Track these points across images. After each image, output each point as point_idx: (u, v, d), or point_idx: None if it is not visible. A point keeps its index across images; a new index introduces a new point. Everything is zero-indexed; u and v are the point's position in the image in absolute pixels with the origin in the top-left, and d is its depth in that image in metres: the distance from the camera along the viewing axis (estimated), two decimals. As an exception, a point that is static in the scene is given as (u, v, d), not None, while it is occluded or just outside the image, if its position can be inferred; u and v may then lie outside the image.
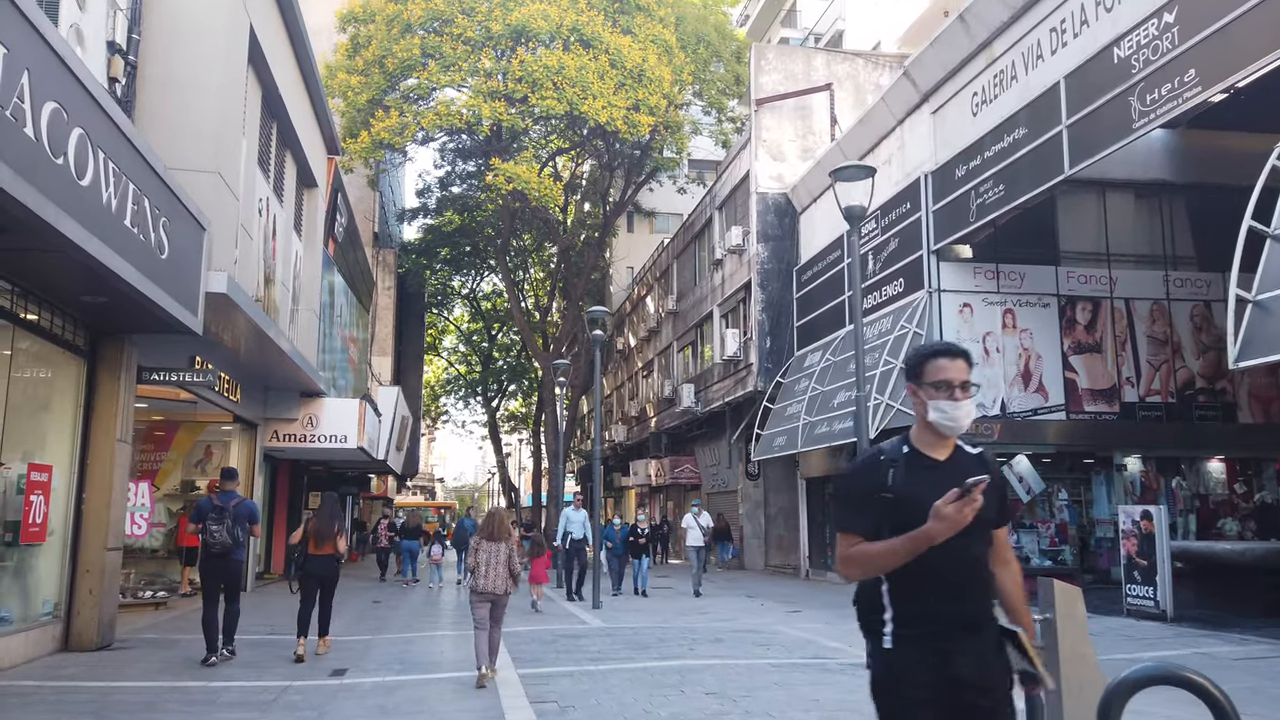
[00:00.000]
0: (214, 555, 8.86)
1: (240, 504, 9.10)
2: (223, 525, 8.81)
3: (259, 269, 13.99)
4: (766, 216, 22.82)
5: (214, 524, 8.80)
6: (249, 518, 9.12)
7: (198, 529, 9.20)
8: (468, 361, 51.41)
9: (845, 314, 19.29)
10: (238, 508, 9.02)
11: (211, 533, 8.79)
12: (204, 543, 8.93)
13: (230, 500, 9.05)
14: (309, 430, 18.17)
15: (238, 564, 9.11)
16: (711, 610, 13.93)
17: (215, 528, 8.78)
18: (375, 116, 23.15)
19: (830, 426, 17.54)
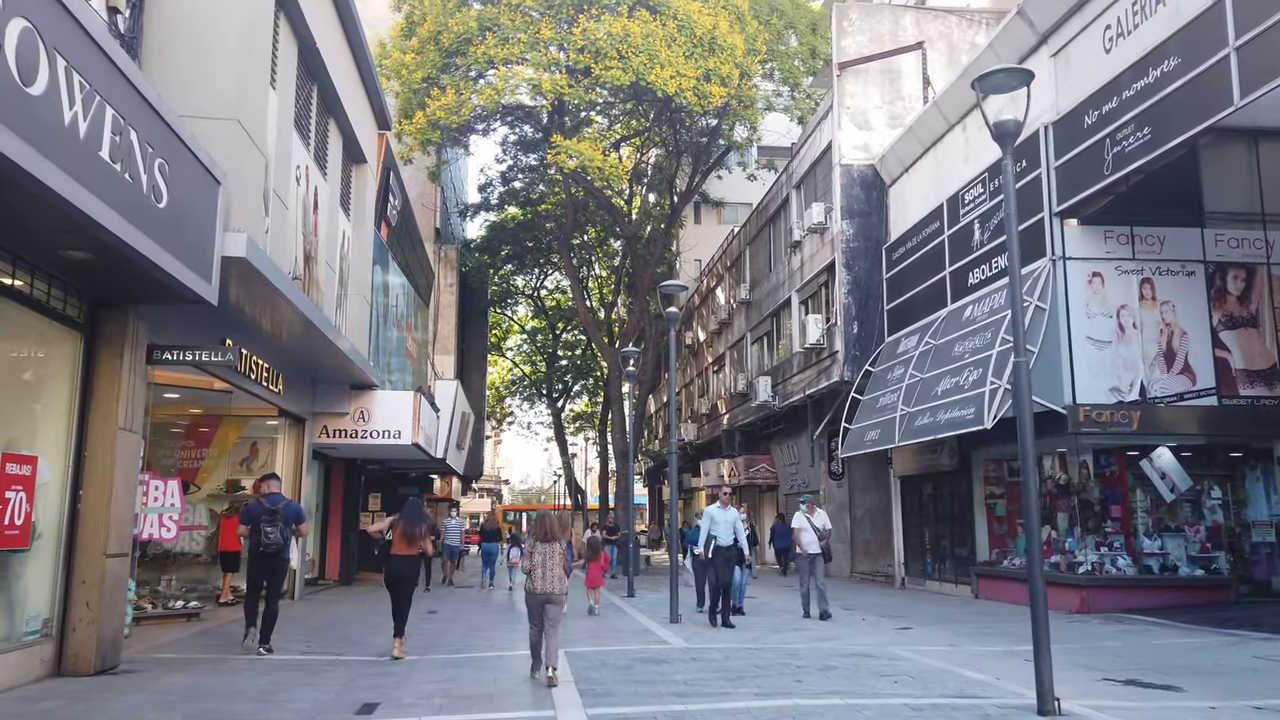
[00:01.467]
0: (268, 555, 9.42)
1: (288, 505, 9.66)
2: (276, 527, 9.35)
3: (297, 243, 12.63)
4: (851, 190, 20.85)
5: (268, 525, 9.34)
6: (295, 518, 9.71)
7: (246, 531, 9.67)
8: (532, 361, 50.24)
9: (947, 291, 17.24)
10: (286, 509, 9.54)
11: (266, 534, 9.32)
12: (256, 543, 9.44)
13: (279, 502, 9.56)
14: (360, 425, 16.85)
15: (284, 563, 9.63)
16: (808, 626, 12.09)
17: (270, 529, 9.32)
18: (431, 96, 21.84)
19: (934, 417, 15.53)
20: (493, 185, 39.04)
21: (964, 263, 16.63)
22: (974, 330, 15.44)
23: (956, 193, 17.00)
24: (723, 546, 12.19)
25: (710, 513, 12.43)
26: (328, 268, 14.55)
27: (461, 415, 23.30)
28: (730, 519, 12.33)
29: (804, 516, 13.34)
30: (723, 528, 12.27)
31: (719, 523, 12.30)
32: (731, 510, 12.46)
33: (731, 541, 12.22)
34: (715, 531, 12.25)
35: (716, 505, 12.46)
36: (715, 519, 12.33)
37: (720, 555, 12.13)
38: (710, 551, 12.15)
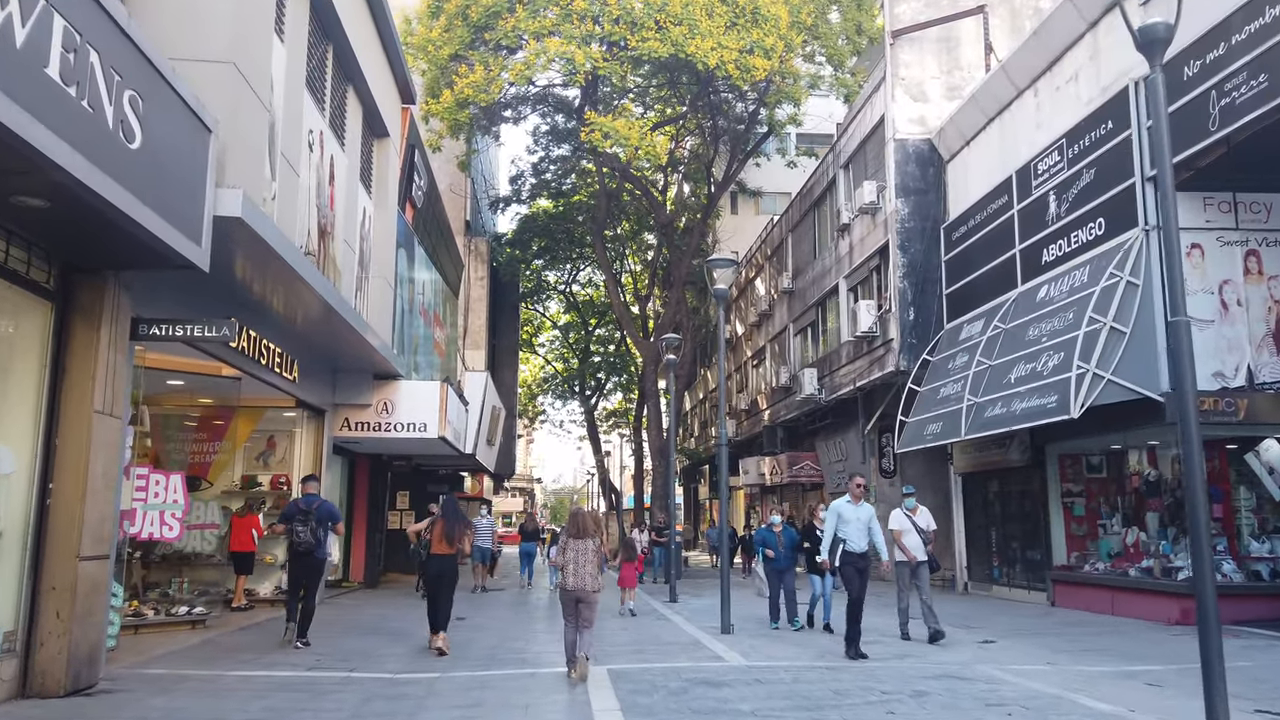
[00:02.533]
0: (300, 554, 9.79)
1: (321, 505, 9.97)
2: (307, 526, 9.67)
3: (310, 214, 11.54)
4: (906, 167, 19.44)
5: (299, 525, 9.70)
6: (330, 517, 10.01)
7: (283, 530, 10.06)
8: (564, 358, 49.17)
9: (1017, 271, 15.81)
10: (319, 509, 9.86)
11: (297, 533, 9.70)
12: (290, 543, 9.88)
13: (313, 502, 9.93)
14: (383, 418, 15.78)
15: (320, 561, 9.97)
16: (877, 637, 10.77)
17: (300, 529, 9.68)
18: (458, 74, 20.75)
19: (1008, 407, 14.12)
20: (524, 177, 38.10)
21: (1037, 239, 15.19)
22: (1052, 311, 14.02)
23: (1028, 163, 15.57)
24: (854, 553, 9.67)
25: (838, 509, 9.91)
26: (346, 246, 13.47)
27: (492, 409, 22.20)
28: (864, 517, 9.78)
29: (905, 515, 10.89)
30: (854, 529, 9.71)
31: (850, 522, 9.74)
32: (866, 507, 9.88)
33: (866, 547, 9.71)
34: (845, 533, 9.74)
35: (844, 500, 9.94)
36: (845, 517, 9.80)
37: (852, 564, 9.66)
38: (838, 559, 9.80)
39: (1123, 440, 13.82)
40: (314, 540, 9.70)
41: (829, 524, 9.97)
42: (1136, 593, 13.01)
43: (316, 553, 9.78)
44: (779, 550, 11.69)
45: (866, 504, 9.97)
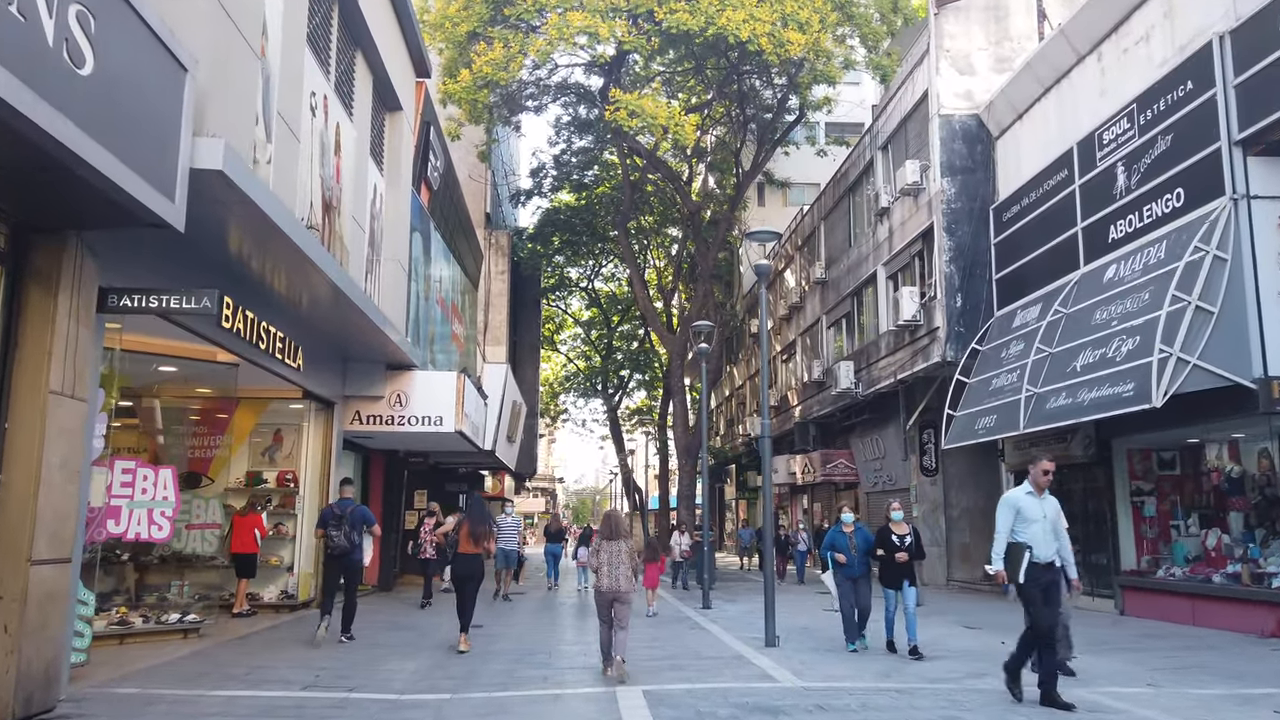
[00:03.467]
0: (334, 557, 10.11)
1: (356, 509, 10.22)
2: (341, 530, 9.96)
3: (312, 185, 10.55)
4: (952, 144, 18.24)
5: (333, 529, 9.99)
6: (364, 521, 10.27)
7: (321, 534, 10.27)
8: (586, 356, 48.17)
9: (1079, 251, 14.60)
10: (353, 513, 10.12)
11: (331, 537, 10.02)
12: (326, 546, 10.18)
13: (347, 507, 10.19)
14: (397, 411, 14.80)
15: (355, 563, 10.27)
16: (939, 651, 9.62)
17: (334, 533, 9.97)
18: (477, 52, 19.78)
19: (1074, 397, 12.91)
20: (545, 169, 37.23)
21: (1102, 215, 13.98)
22: (1123, 292, 12.80)
23: (1091, 133, 14.35)
24: (1041, 565, 6.92)
25: (1015, 502, 7.12)
26: (355, 224, 12.49)
27: (512, 404, 21.20)
28: (1051, 514, 7.14)
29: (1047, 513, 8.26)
30: (1039, 531, 6.98)
31: (1033, 520, 7.01)
32: (1051, 500, 7.25)
33: (1054, 555, 7.04)
34: (1027, 535, 6.97)
35: (1023, 490, 7.21)
36: (1027, 513, 7.02)
37: (1035, 581, 6.91)
38: (1022, 573, 6.89)
39: (1202, 433, 12.58)
40: (349, 544, 10.02)
41: (1002, 521, 7.17)
42: (1223, 601, 11.77)
43: (352, 555, 10.11)
44: (851, 554, 9.73)
45: (1051, 496, 7.32)
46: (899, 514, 9.78)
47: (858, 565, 9.72)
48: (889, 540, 9.57)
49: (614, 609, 7.95)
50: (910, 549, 9.47)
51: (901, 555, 9.44)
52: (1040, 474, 7.33)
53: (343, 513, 10.08)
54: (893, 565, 9.44)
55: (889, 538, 9.59)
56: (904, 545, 9.51)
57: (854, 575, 9.71)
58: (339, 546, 9.97)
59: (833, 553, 9.76)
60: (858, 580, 9.74)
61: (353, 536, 10.02)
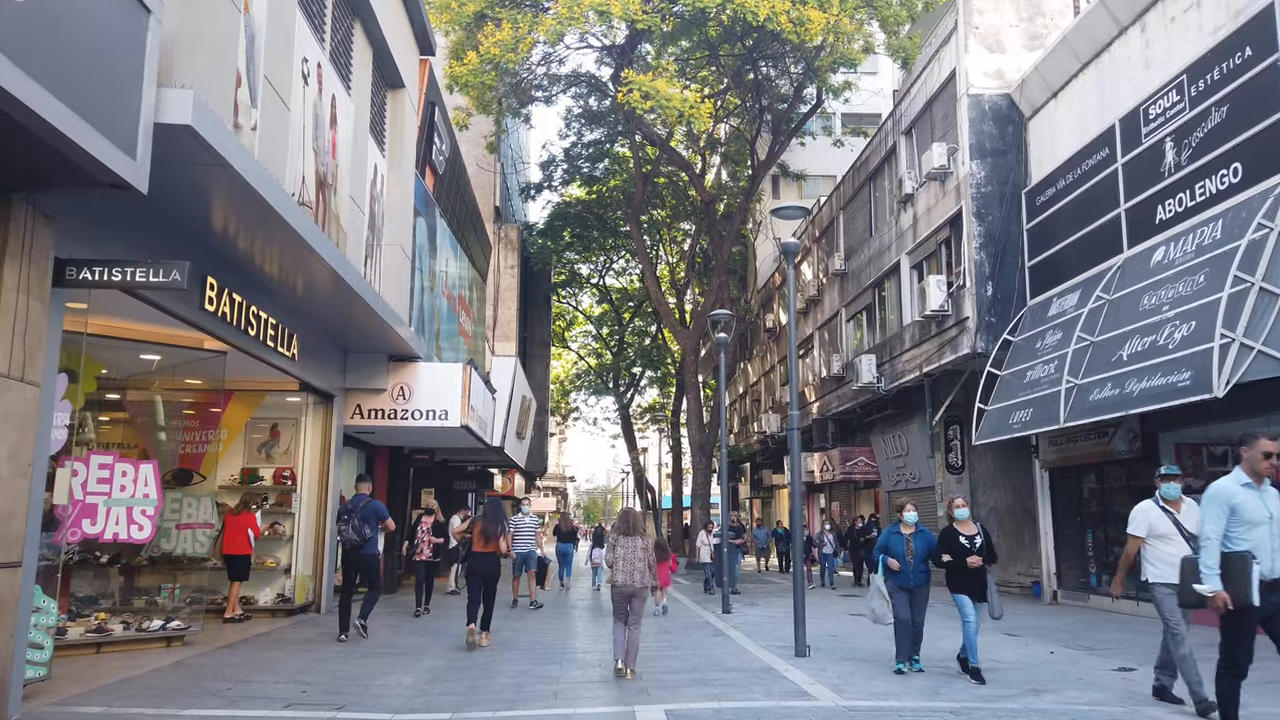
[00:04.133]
0: (347, 551, 10.40)
1: (368, 504, 10.43)
2: (349, 525, 10.26)
3: (304, 158, 9.80)
4: (981, 125, 17.38)
5: (342, 524, 10.36)
6: (376, 516, 10.43)
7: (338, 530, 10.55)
8: (597, 354, 47.41)
9: (1122, 233, 13.74)
10: (365, 508, 10.36)
11: (340, 531, 10.38)
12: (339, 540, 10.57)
13: (360, 502, 10.46)
14: (399, 404, 14.06)
15: (369, 557, 10.42)
16: (983, 662, 8.79)
17: (343, 526, 10.31)
18: (485, 33, 19.05)
19: (1121, 388, 12.06)
20: (556, 162, 36.56)
21: (1149, 195, 13.12)
22: (1176, 275, 11.94)
23: (1135, 108, 13.50)
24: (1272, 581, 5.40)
25: (1227, 497, 5.47)
26: (353, 205, 11.75)
27: (522, 399, 20.44)
28: (1277, 511, 5.49)
29: (1162, 511, 7.01)
30: (1264, 536, 5.41)
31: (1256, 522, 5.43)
32: (1273, 493, 5.53)
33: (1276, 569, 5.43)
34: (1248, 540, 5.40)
35: (1235, 479, 5.56)
36: (1246, 513, 5.43)
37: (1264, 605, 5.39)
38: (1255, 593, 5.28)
39: (1261, 425, 11.70)
40: (357, 537, 10.21)
41: (1211, 521, 5.45)
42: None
43: (364, 549, 10.29)
44: (906, 561, 8.28)
45: (1274, 488, 5.58)
46: (964, 511, 8.34)
47: (914, 574, 8.26)
48: (956, 542, 8.10)
49: (630, 603, 8.10)
50: (981, 551, 8.08)
51: (974, 559, 7.98)
52: (1260, 457, 5.48)
53: (354, 507, 10.38)
54: (964, 572, 8.02)
55: (955, 539, 8.13)
56: (974, 547, 8.07)
57: (909, 585, 8.26)
58: (348, 540, 10.25)
59: (884, 556, 8.38)
60: (914, 591, 8.28)
61: (363, 530, 10.23)
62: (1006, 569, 19.27)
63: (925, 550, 8.33)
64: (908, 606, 8.28)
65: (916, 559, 8.29)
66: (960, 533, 8.21)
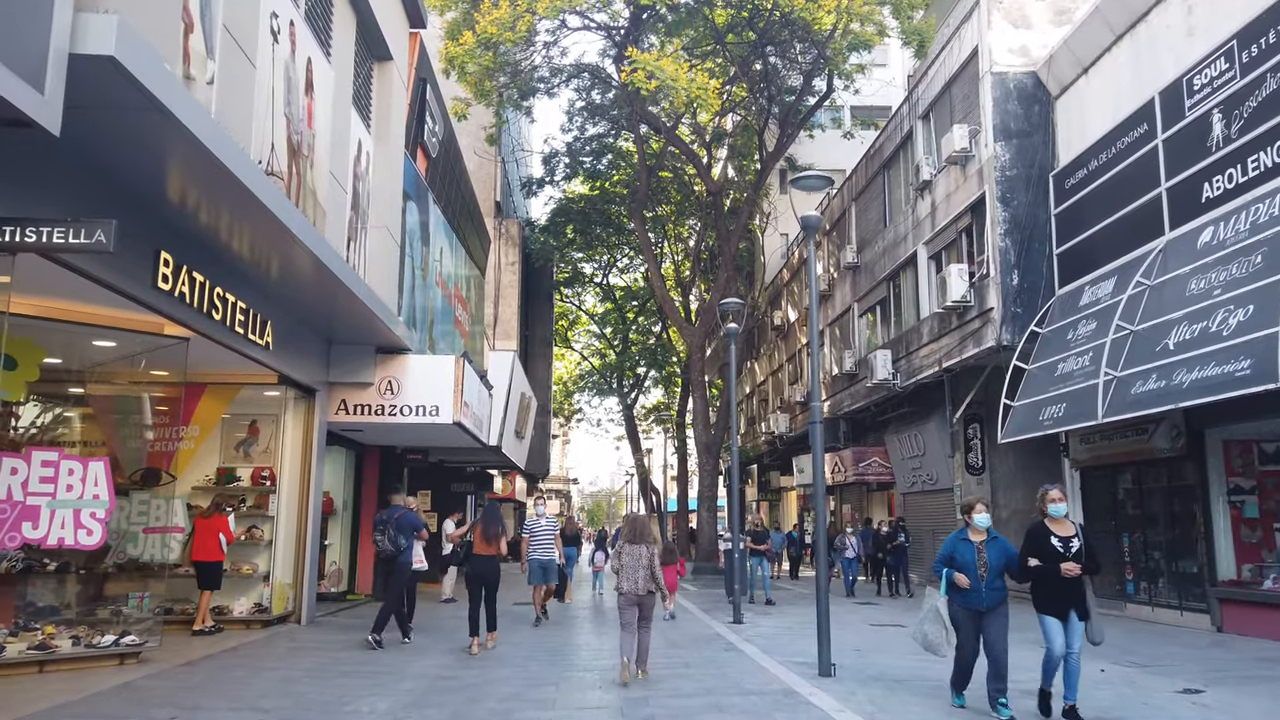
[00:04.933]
0: (384, 560, 10.71)
1: (402, 515, 10.60)
2: (385, 535, 10.47)
3: (271, 122, 8.88)
4: (1006, 105, 16.42)
5: (377, 534, 10.56)
6: (411, 527, 10.60)
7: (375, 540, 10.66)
8: (601, 354, 46.45)
9: (1163, 214, 12.78)
10: (399, 519, 10.50)
11: (375, 541, 10.63)
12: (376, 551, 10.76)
13: (394, 513, 10.63)
14: (387, 399, 13.14)
15: (404, 565, 10.53)
16: (1018, 674, 7.80)
17: (379, 538, 10.53)
18: (480, 10, 18.14)
19: (1169, 379, 11.09)
20: (558, 156, 35.71)
21: (1194, 171, 12.15)
22: (1228, 256, 10.97)
23: (1178, 79, 12.54)
24: None
25: None
26: (333, 181, 10.83)
27: (521, 396, 19.51)
28: None
29: None
30: None
31: None
32: None
33: None
34: None
35: None
36: None
37: None
38: None
39: (1322, 421, 10.76)
40: (393, 548, 10.39)
41: None
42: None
43: (399, 559, 10.43)
44: (978, 576, 6.50)
45: None
46: (1060, 507, 6.49)
47: (986, 593, 6.48)
48: (1047, 545, 6.38)
49: (639, 609, 8.10)
50: (1080, 556, 6.33)
51: (1070, 567, 6.23)
52: None
53: (388, 518, 10.55)
54: (1056, 583, 6.28)
55: (1046, 541, 6.40)
56: (1070, 552, 6.32)
57: (979, 607, 6.50)
58: (384, 550, 10.45)
59: (949, 571, 6.62)
60: (986, 614, 6.49)
61: (398, 540, 10.39)
62: (1030, 574, 18.30)
63: (1002, 562, 6.56)
64: (975, 635, 6.54)
65: (991, 573, 6.50)
66: (1053, 533, 6.43)
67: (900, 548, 19.00)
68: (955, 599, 6.62)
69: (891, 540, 19.05)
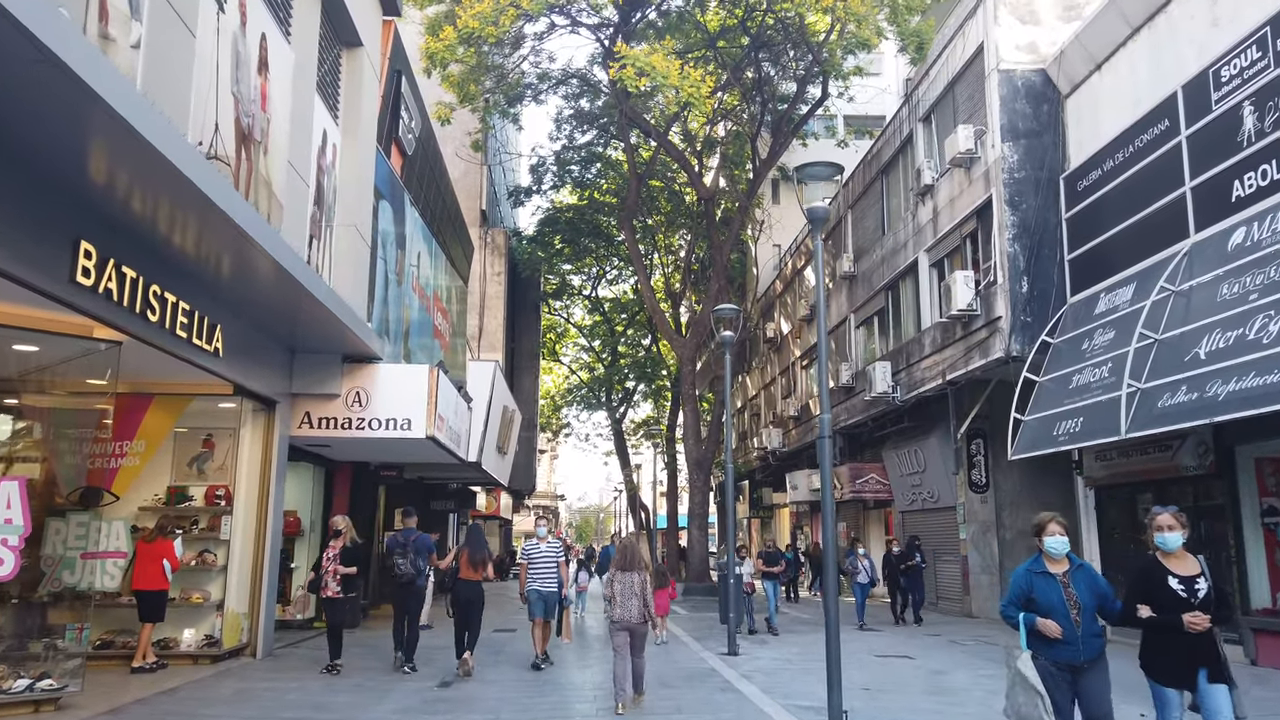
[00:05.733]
0: (401, 585, 10.34)
1: (419, 539, 10.57)
2: (407, 558, 10.28)
3: (214, 100, 7.94)
4: (1014, 104, 15.64)
5: (399, 557, 10.29)
6: (426, 549, 10.66)
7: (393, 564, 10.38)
8: (590, 368, 45.47)
9: (1188, 215, 11.97)
10: (417, 541, 10.49)
11: (397, 564, 10.29)
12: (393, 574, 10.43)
13: (410, 535, 10.56)
14: (355, 412, 12.16)
15: (419, 590, 10.59)
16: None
17: (400, 560, 10.27)
18: (462, 4, 17.28)
19: (1199, 392, 10.22)
20: (545, 165, 34.95)
21: (1222, 169, 11.34)
22: (1264, 258, 10.14)
23: (1204, 71, 11.74)
24: None
25: None
26: (293, 172, 9.90)
27: (504, 409, 18.54)
28: None
29: None
30: None
31: None
32: None
33: None
34: None
35: None
36: None
37: None
38: None
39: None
40: (413, 570, 10.22)
41: None
42: None
43: (417, 582, 10.33)
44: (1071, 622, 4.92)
45: None
46: (1175, 537, 5.03)
47: (1084, 643, 4.91)
48: (1163, 588, 4.94)
49: (631, 639, 8.03)
50: (1208, 603, 4.87)
51: (1195, 619, 4.75)
52: None
53: (406, 540, 10.35)
54: (1176, 640, 4.84)
55: (1162, 584, 4.95)
56: (1196, 596, 4.87)
57: (1077, 661, 4.90)
58: (405, 574, 10.19)
59: (1030, 616, 5.01)
60: (1083, 670, 4.92)
61: (418, 563, 10.29)
62: (1037, 598, 17.39)
63: (1095, 599, 4.99)
64: (1070, 699, 4.91)
65: (1086, 615, 4.93)
66: (1170, 571, 4.97)
67: (915, 569, 17.27)
68: (1041, 652, 4.94)
69: (906, 560, 17.22)
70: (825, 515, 7.45)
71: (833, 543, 7.52)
